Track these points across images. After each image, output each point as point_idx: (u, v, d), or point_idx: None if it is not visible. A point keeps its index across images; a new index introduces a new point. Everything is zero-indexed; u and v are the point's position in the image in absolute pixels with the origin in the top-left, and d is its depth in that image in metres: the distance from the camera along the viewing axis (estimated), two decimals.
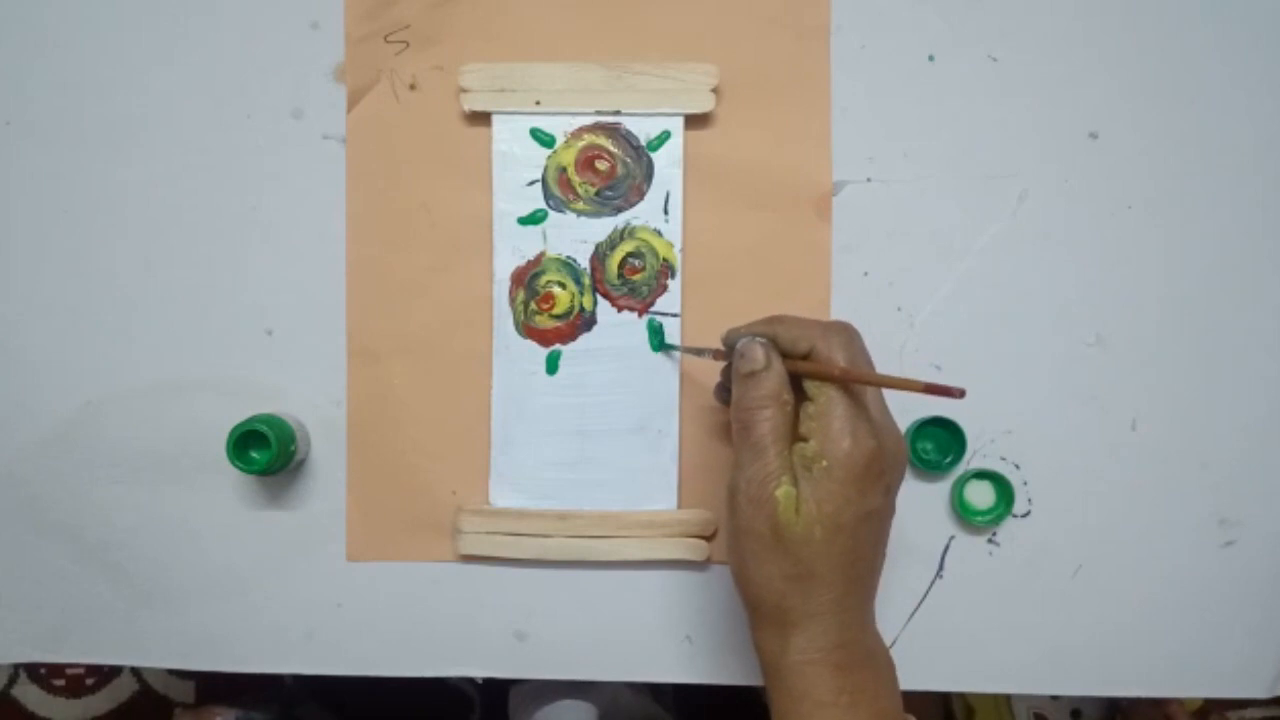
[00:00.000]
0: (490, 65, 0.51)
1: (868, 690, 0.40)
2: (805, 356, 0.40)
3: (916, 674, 0.52)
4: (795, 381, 0.41)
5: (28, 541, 0.53)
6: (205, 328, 0.52)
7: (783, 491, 0.39)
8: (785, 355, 0.41)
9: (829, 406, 0.39)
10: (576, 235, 0.51)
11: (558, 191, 0.51)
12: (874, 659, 0.41)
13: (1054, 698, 0.85)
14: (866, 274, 0.52)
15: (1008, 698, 0.85)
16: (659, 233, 0.51)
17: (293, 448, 0.50)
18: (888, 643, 0.43)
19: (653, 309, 0.51)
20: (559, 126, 0.51)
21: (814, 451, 0.39)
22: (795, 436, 0.40)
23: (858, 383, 0.39)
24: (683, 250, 0.51)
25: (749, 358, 0.41)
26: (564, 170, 0.51)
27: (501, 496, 0.52)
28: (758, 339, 0.41)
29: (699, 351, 0.48)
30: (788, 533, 0.38)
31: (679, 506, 0.51)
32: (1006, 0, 0.51)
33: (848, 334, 0.41)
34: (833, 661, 0.39)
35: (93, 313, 0.52)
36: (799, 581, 0.39)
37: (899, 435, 0.41)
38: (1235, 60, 0.51)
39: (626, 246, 0.51)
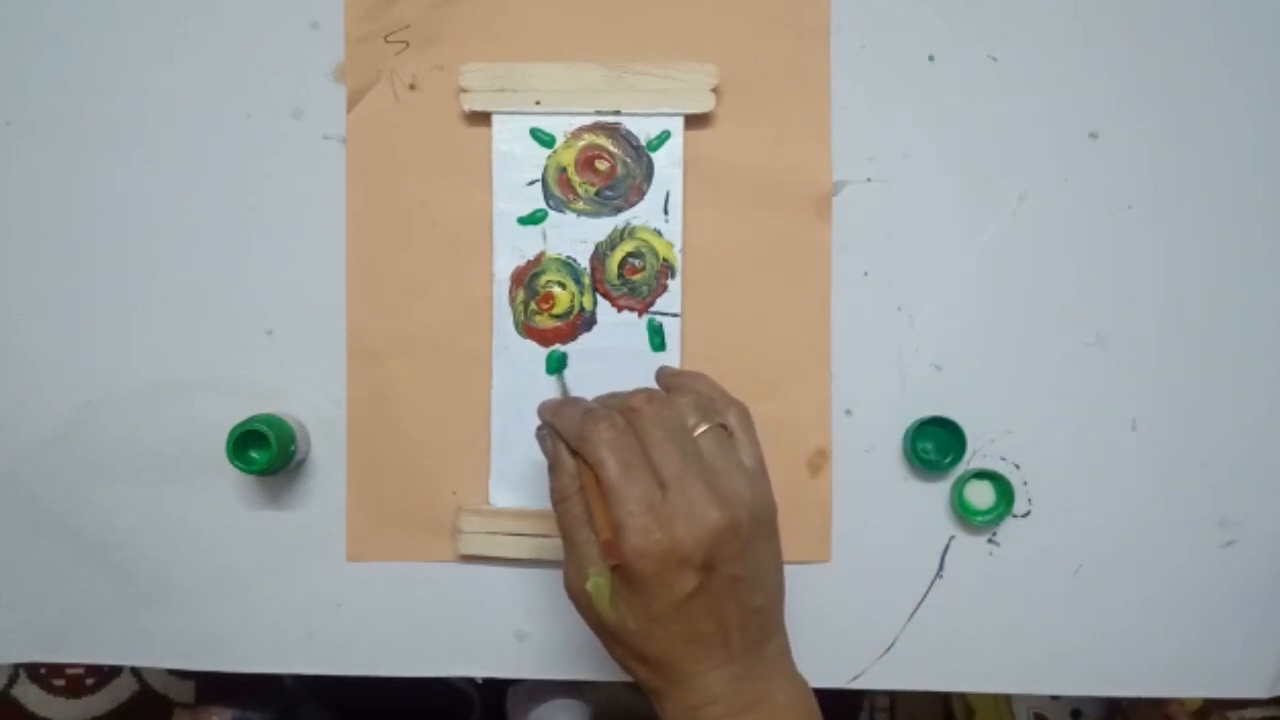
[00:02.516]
0: (490, 65, 0.51)
1: None
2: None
3: (916, 674, 0.52)
4: None
5: (28, 541, 0.53)
6: (205, 328, 0.52)
7: (592, 583, 0.38)
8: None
9: (611, 501, 0.37)
10: (576, 235, 0.51)
11: (558, 191, 0.51)
12: (769, 701, 0.39)
13: (1054, 698, 0.85)
14: (866, 274, 0.52)
15: (1008, 698, 0.85)
16: (659, 233, 0.51)
17: (293, 448, 0.50)
18: (888, 643, 0.43)
19: (653, 309, 0.51)
20: (559, 126, 0.51)
21: (605, 549, 0.38)
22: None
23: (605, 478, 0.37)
24: (683, 250, 0.51)
25: (544, 452, 0.41)
26: (564, 170, 0.51)
27: (501, 496, 0.52)
28: (545, 426, 0.41)
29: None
30: (607, 622, 0.38)
31: None
32: (1006, 0, 0.51)
33: (615, 419, 0.38)
34: (712, 717, 0.38)
35: (92, 313, 0.52)
36: (639, 663, 0.39)
37: (720, 501, 0.37)
38: (1235, 60, 0.51)
39: (626, 246, 0.51)
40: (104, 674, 1.14)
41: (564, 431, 0.40)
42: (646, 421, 0.38)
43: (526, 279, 0.51)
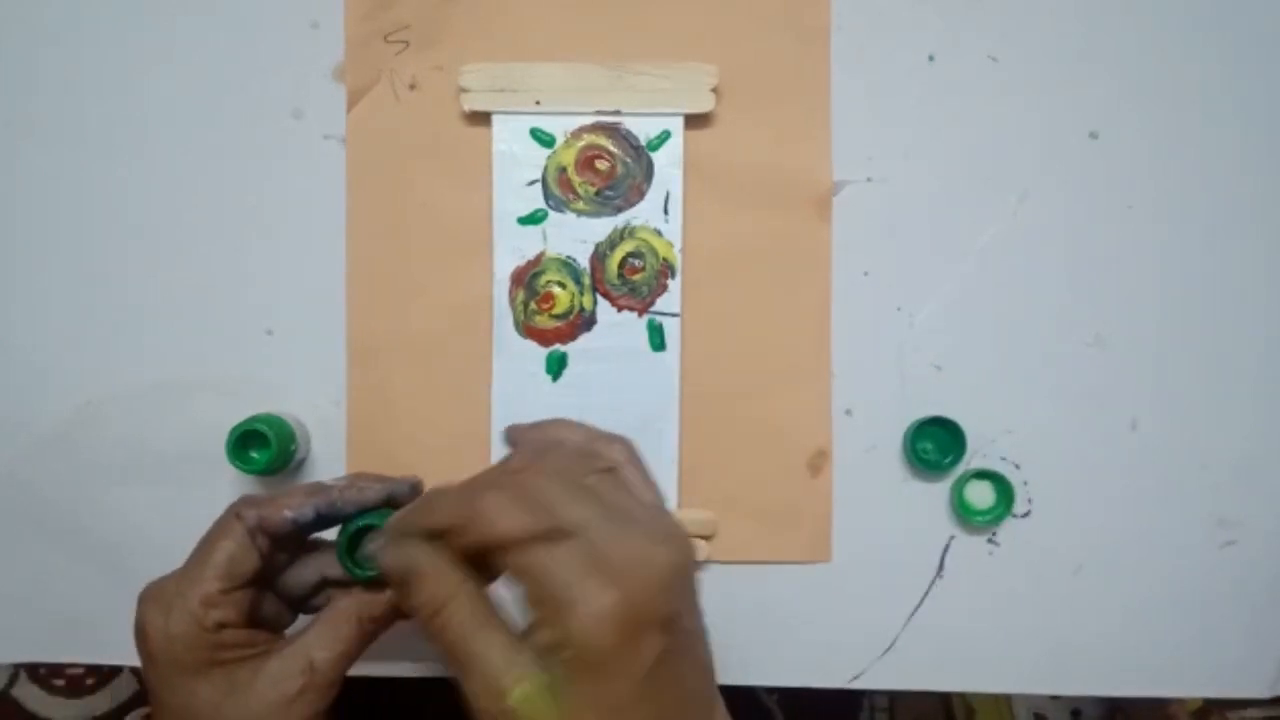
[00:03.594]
0: (490, 65, 0.51)
1: None
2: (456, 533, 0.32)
3: (916, 674, 0.52)
4: (484, 560, 0.33)
5: (28, 541, 0.53)
6: (205, 327, 0.52)
7: (519, 692, 0.30)
8: (443, 534, 0.33)
9: (535, 579, 0.31)
10: (576, 235, 0.51)
11: (558, 191, 0.51)
12: None
13: (1054, 697, 0.85)
14: (866, 274, 0.52)
15: (1008, 697, 0.86)
16: (659, 232, 0.51)
17: (293, 447, 0.50)
18: (887, 643, 0.43)
19: (653, 309, 0.51)
20: (559, 126, 0.51)
21: (549, 640, 0.30)
22: (524, 627, 0.32)
23: (519, 546, 0.31)
24: (683, 250, 0.51)
25: (385, 568, 0.34)
26: (564, 170, 0.51)
27: None
28: (385, 535, 0.35)
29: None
30: None
31: (679, 506, 0.51)
32: (1006, 1, 0.51)
33: (502, 480, 0.33)
34: None
35: (92, 312, 0.52)
36: None
37: (660, 538, 0.31)
38: (1235, 60, 0.51)
39: (626, 246, 0.51)
40: (104, 674, 1.14)
41: (437, 520, 0.33)
42: (538, 480, 0.32)
43: (526, 279, 0.51)
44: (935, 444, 0.51)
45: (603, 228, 0.51)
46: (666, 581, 0.31)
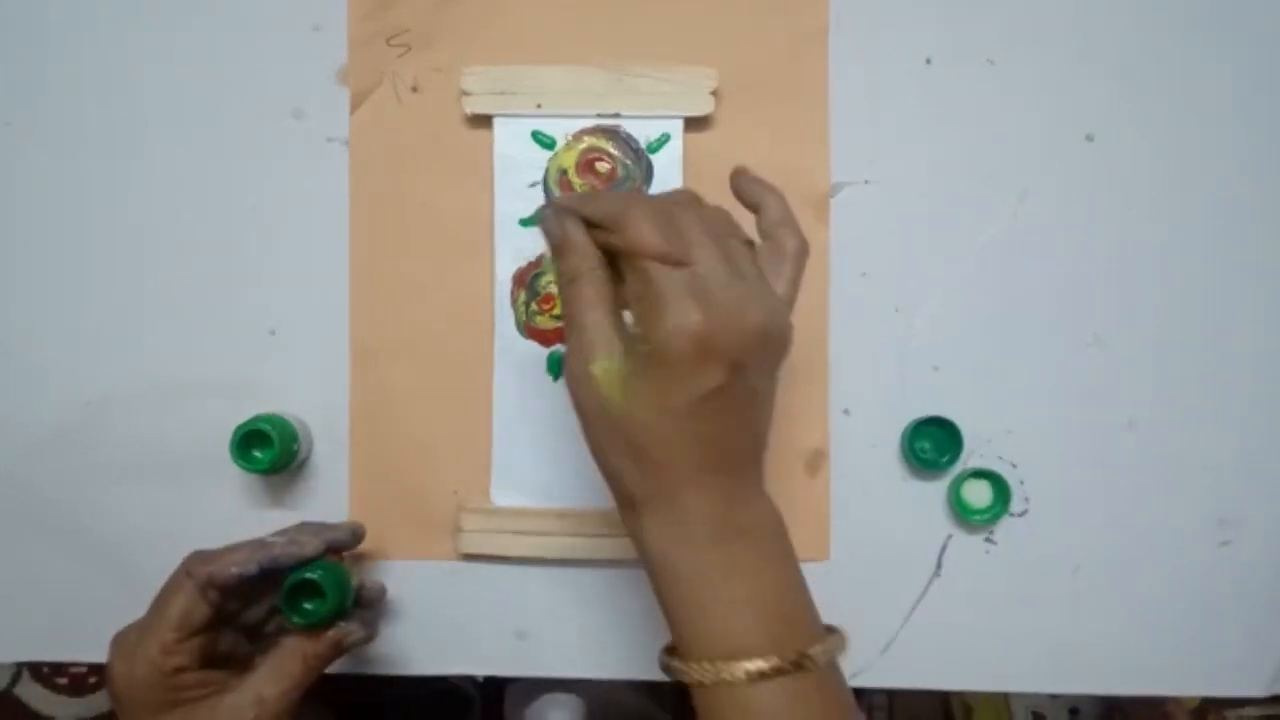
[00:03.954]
0: (491, 68, 0.51)
1: (742, 563, 0.37)
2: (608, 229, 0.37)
3: (915, 673, 0.52)
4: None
5: (31, 541, 0.53)
6: (208, 328, 0.53)
7: (599, 367, 0.36)
8: (594, 228, 0.38)
9: (644, 285, 0.35)
10: None
11: (559, 193, 0.51)
12: (750, 532, 0.38)
13: (1052, 696, 0.86)
14: (865, 274, 0.52)
15: (1006, 696, 0.86)
16: None
17: (295, 447, 0.50)
18: (886, 642, 0.43)
19: None
20: (560, 129, 0.51)
21: (638, 334, 0.36)
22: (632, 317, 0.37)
23: (647, 257, 0.35)
24: None
25: (547, 232, 0.39)
26: (565, 172, 0.51)
27: (502, 495, 0.52)
28: (551, 208, 0.39)
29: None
30: (611, 410, 0.36)
31: None
32: (1005, 3, 0.52)
33: (658, 204, 0.37)
34: (694, 537, 0.37)
35: (95, 313, 0.53)
36: (634, 460, 0.36)
37: (761, 306, 0.36)
38: (1232, 62, 0.52)
39: None
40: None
41: (594, 211, 0.37)
42: (686, 216, 0.36)
43: (528, 280, 0.52)
44: (933, 443, 0.52)
45: None
46: (746, 334, 0.35)
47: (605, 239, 0.37)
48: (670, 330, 0.34)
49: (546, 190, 0.51)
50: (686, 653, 0.37)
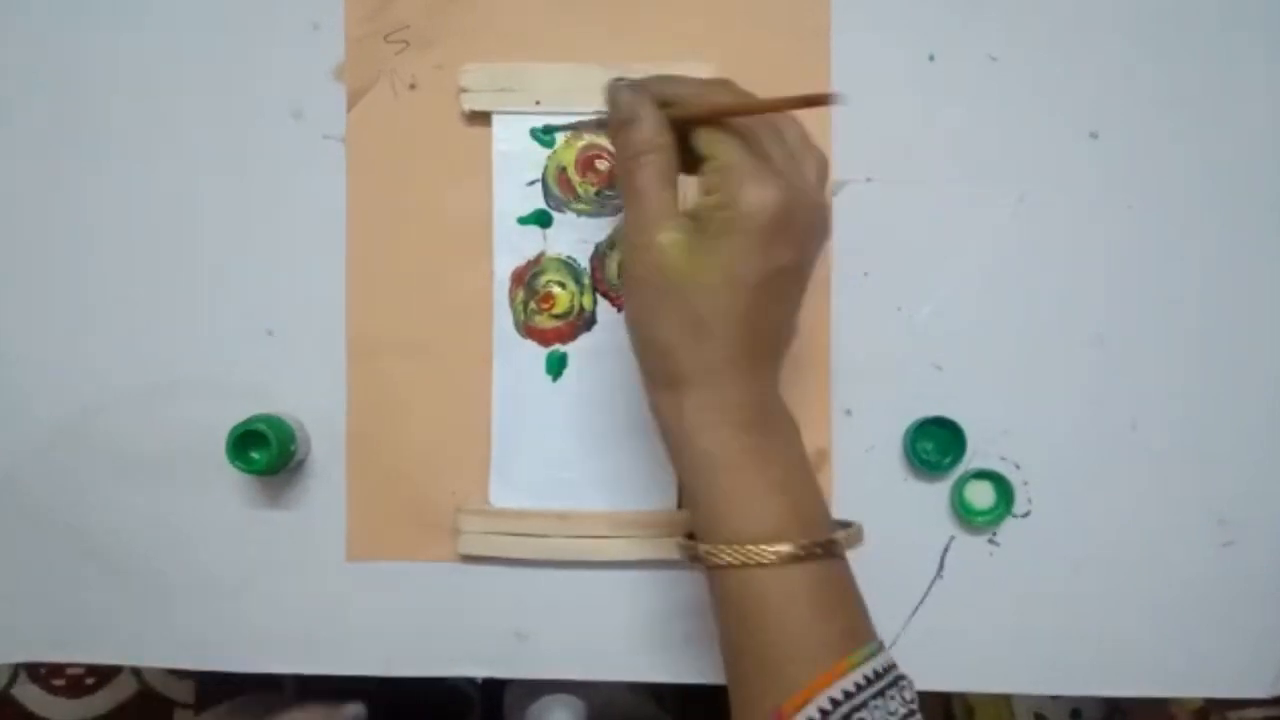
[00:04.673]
0: (490, 65, 0.51)
1: (774, 451, 0.39)
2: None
3: (916, 674, 0.52)
4: (685, 140, 0.39)
5: (28, 541, 0.53)
6: (205, 327, 0.52)
7: (667, 237, 0.37)
8: (664, 105, 0.39)
9: (729, 159, 0.37)
10: (577, 235, 0.51)
11: (558, 191, 0.51)
12: (779, 422, 0.40)
13: (1053, 697, 0.86)
14: (866, 274, 0.52)
15: (1007, 698, 0.86)
16: None
17: (293, 448, 0.50)
18: (887, 643, 0.43)
19: None
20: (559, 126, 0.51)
21: (716, 202, 0.36)
22: (700, 191, 0.38)
23: (732, 114, 0.38)
24: None
25: (617, 105, 0.39)
26: (564, 170, 0.51)
27: (501, 496, 0.52)
28: (627, 82, 0.39)
29: (582, 125, 0.49)
30: (675, 279, 0.37)
31: (679, 506, 0.51)
32: (1007, 1, 0.51)
33: (729, 84, 0.40)
34: (732, 421, 0.38)
35: (92, 313, 0.52)
36: (690, 333, 0.37)
37: (817, 194, 0.38)
38: (1235, 61, 0.51)
39: None
40: (104, 674, 1.15)
41: (677, 90, 0.39)
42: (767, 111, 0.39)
43: (527, 279, 0.51)
44: (935, 444, 0.51)
45: (603, 228, 0.51)
46: (815, 219, 0.38)
47: (682, 113, 0.38)
48: (755, 199, 0.35)
49: (545, 188, 0.51)
50: (713, 537, 0.38)
